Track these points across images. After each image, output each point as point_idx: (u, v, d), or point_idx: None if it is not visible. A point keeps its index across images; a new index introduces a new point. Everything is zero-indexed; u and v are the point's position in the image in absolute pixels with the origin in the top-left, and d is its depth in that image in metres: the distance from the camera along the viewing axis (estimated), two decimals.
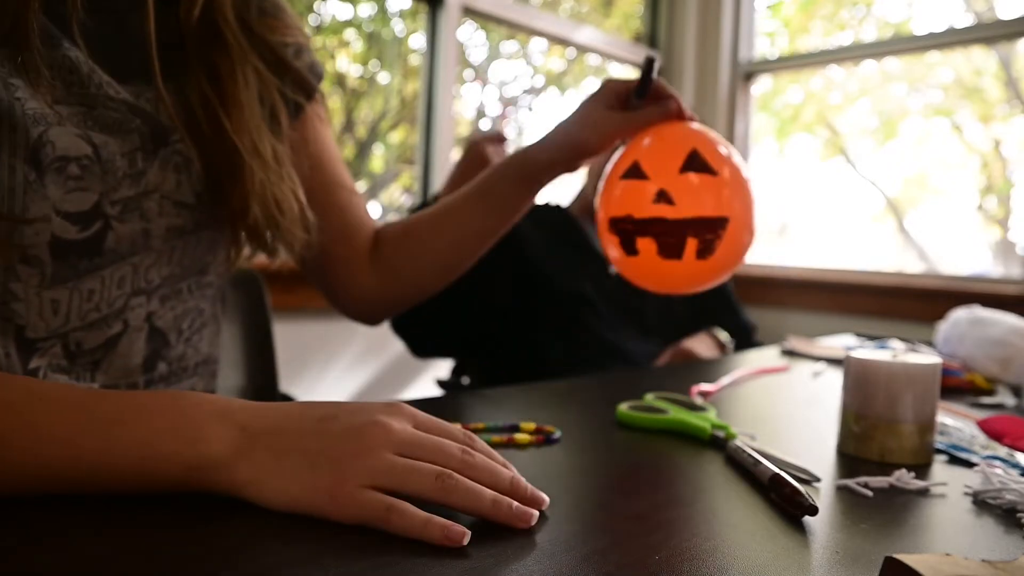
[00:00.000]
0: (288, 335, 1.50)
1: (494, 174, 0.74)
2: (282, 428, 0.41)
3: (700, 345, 1.31)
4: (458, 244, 0.77)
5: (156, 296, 0.62)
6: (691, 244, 0.62)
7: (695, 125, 0.69)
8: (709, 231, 0.62)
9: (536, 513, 0.41)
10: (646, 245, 0.64)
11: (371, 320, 0.84)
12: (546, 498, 0.44)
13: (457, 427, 0.46)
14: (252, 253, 0.70)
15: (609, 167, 0.69)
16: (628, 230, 0.65)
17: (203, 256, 0.66)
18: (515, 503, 0.41)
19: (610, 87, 0.70)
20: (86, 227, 0.55)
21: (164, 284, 0.62)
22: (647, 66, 0.67)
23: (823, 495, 0.50)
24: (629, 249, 0.66)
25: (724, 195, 0.64)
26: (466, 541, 0.38)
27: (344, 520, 0.39)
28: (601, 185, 0.69)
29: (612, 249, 0.68)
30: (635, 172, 0.65)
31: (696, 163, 0.64)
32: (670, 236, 0.63)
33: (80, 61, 0.54)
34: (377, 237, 0.80)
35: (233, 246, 0.69)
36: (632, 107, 0.70)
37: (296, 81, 0.70)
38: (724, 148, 0.66)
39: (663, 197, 0.63)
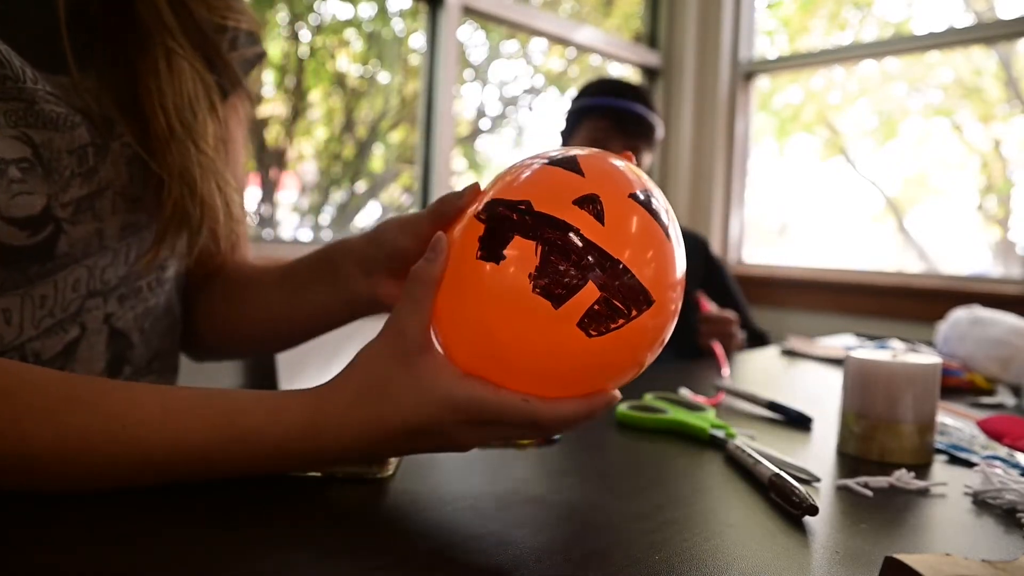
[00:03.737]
0: None
1: (308, 265, 0.64)
2: (370, 454, 0.44)
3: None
4: (260, 321, 0.68)
5: (113, 297, 0.58)
6: (586, 294, 0.39)
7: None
8: (622, 297, 0.40)
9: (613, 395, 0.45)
10: (522, 252, 0.40)
11: (186, 350, 0.73)
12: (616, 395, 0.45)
13: (521, 414, 0.42)
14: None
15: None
16: (507, 220, 0.41)
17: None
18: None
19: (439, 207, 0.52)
20: (35, 232, 0.51)
21: (121, 284, 0.59)
22: None
23: (823, 495, 0.50)
24: (488, 249, 0.41)
25: (667, 269, 0.42)
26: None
27: None
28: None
29: (461, 240, 0.43)
30: (568, 164, 0.43)
31: (647, 205, 0.43)
32: (566, 261, 0.39)
33: (11, 54, 0.49)
34: (232, 269, 0.71)
35: (172, 236, 0.61)
36: None
37: (221, 71, 0.64)
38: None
39: (592, 205, 0.41)
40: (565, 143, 1.48)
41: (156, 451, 0.41)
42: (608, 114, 1.40)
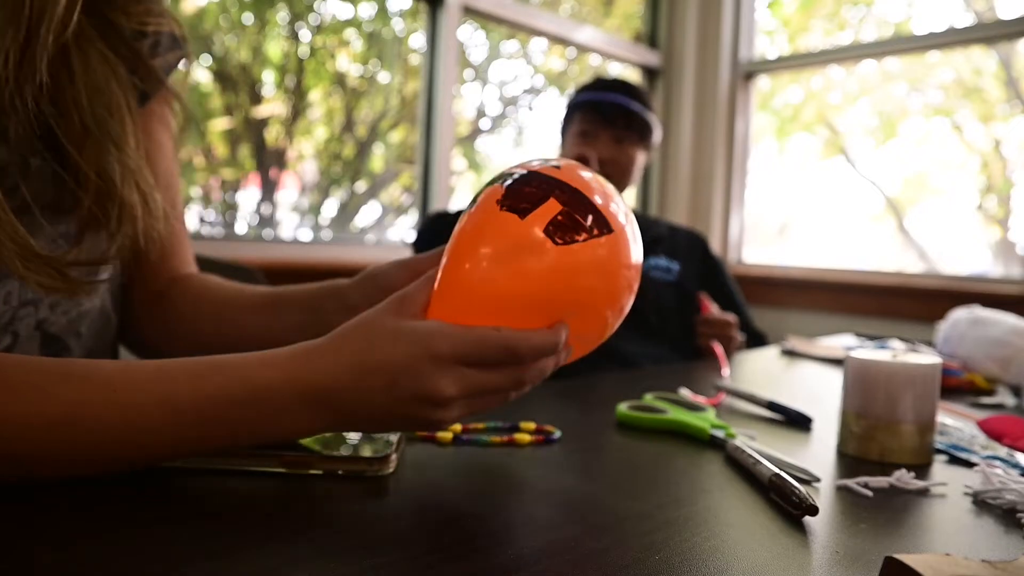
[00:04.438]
0: None
1: (293, 294, 0.66)
2: (357, 399, 0.44)
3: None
4: (234, 341, 0.66)
5: (45, 304, 0.57)
6: (549, 207, 0.45)
7: None
8: (583, 214, 0.45)
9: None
10: (490, 192, 0.47)
11: (139, 352, 0.73)
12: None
13: (496, 344, 0.44)
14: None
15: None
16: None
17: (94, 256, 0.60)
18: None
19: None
20: None
21: None
22: None
23: (823, 495, 0.50)
24: (468, 205, 0.49)
25: (614, 205, 0.48)
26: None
27: None
28: None
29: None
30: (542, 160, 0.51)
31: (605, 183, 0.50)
32: (529, 186, 0.46)
33: None
34: (180, 281, 0.70)
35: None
36: None
37: (143, 75, 0.63)
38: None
39: (555, 165, 0.49)
40: (562, 137, 1.53)
41: (150, 413, 0.41)
42: (596, 108, 1.44)
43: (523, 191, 0.45)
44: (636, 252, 0.48)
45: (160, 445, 0.43)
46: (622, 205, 0.49)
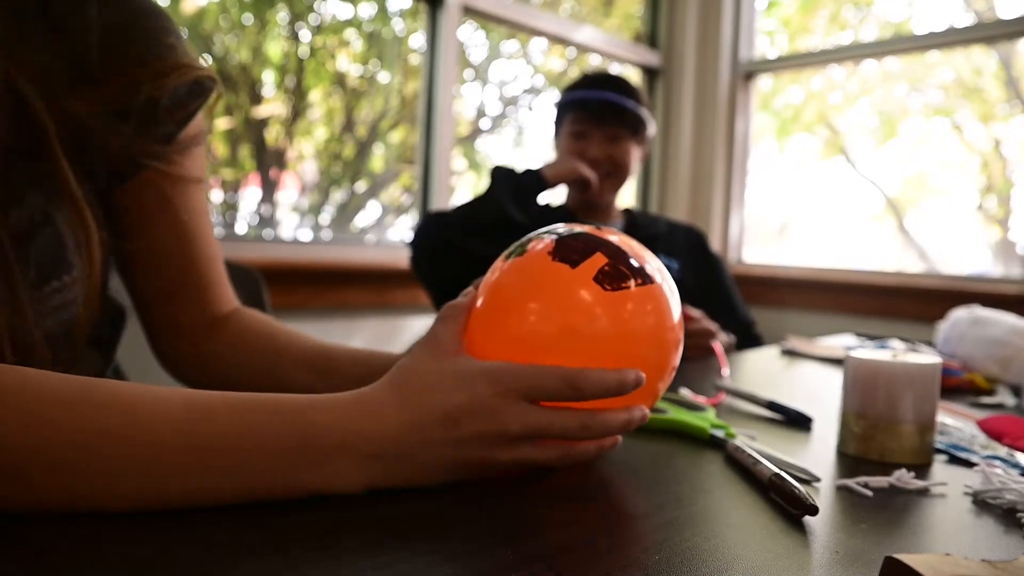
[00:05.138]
0: None
1: (345, 350, 0.65)
2: (411, 447, 0.44)
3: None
4: (281, 389, 0.62)
5: None
6: (597, 259, 0.49)
7: None
8: (627, 267, 0.49)
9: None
10: (540, 245, 0.51)
11: (178, 376, 0.72)
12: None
13: (556, 375, 0.45)
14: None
15: None
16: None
17: None
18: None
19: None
20: None
21: None
22: None
23: (823, 495, 0.50)
24: (515, 251, 0.52)
25: (648, 265, 0.51)
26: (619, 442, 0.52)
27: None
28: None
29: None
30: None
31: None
32: (577, 242, 0.50)
33: None
34: (225, 321, 0.69)
35: None
36: None
37: (126, 163, 0.59)
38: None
39: (599, 227, 0.54)
40: (555, 135, 1.52)
41: (169, 445, 0.39)
42: (586, 106, 1.42)
43: (571, 245, 0.50)
44: (675, 307, 0.51)
45: (178, 485, 0.40)
46: (655, 263, 0.52)
